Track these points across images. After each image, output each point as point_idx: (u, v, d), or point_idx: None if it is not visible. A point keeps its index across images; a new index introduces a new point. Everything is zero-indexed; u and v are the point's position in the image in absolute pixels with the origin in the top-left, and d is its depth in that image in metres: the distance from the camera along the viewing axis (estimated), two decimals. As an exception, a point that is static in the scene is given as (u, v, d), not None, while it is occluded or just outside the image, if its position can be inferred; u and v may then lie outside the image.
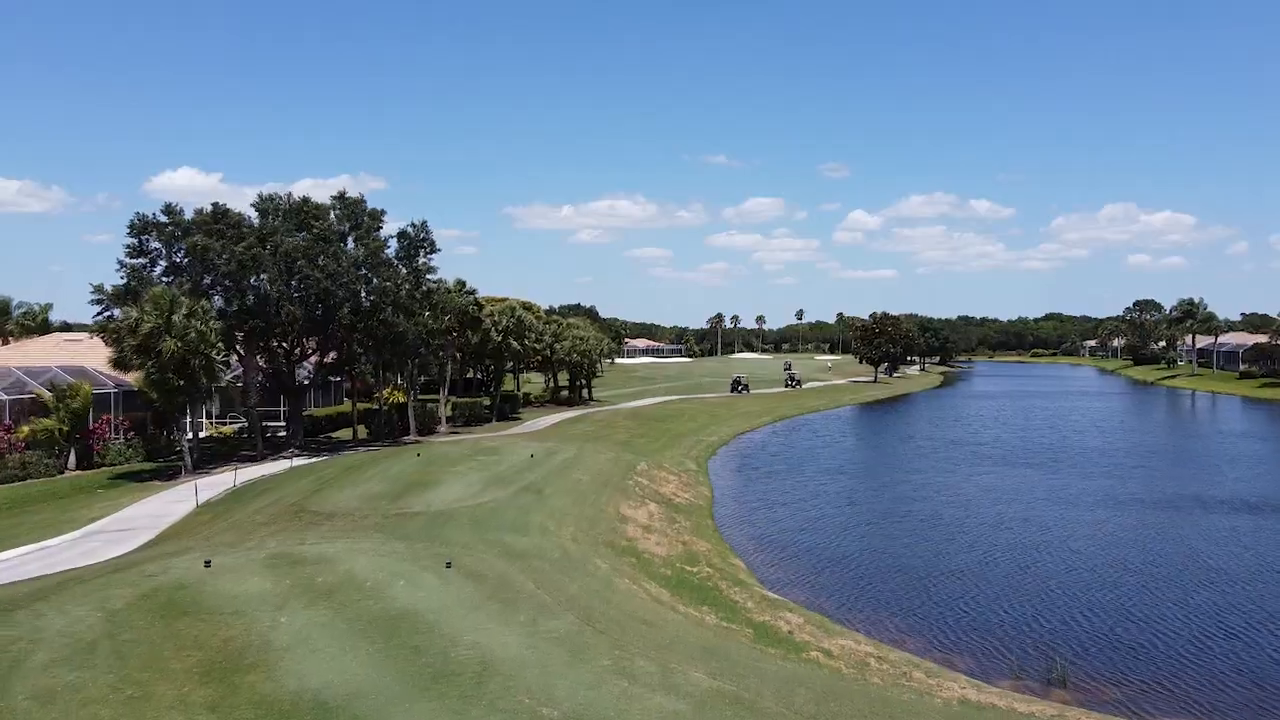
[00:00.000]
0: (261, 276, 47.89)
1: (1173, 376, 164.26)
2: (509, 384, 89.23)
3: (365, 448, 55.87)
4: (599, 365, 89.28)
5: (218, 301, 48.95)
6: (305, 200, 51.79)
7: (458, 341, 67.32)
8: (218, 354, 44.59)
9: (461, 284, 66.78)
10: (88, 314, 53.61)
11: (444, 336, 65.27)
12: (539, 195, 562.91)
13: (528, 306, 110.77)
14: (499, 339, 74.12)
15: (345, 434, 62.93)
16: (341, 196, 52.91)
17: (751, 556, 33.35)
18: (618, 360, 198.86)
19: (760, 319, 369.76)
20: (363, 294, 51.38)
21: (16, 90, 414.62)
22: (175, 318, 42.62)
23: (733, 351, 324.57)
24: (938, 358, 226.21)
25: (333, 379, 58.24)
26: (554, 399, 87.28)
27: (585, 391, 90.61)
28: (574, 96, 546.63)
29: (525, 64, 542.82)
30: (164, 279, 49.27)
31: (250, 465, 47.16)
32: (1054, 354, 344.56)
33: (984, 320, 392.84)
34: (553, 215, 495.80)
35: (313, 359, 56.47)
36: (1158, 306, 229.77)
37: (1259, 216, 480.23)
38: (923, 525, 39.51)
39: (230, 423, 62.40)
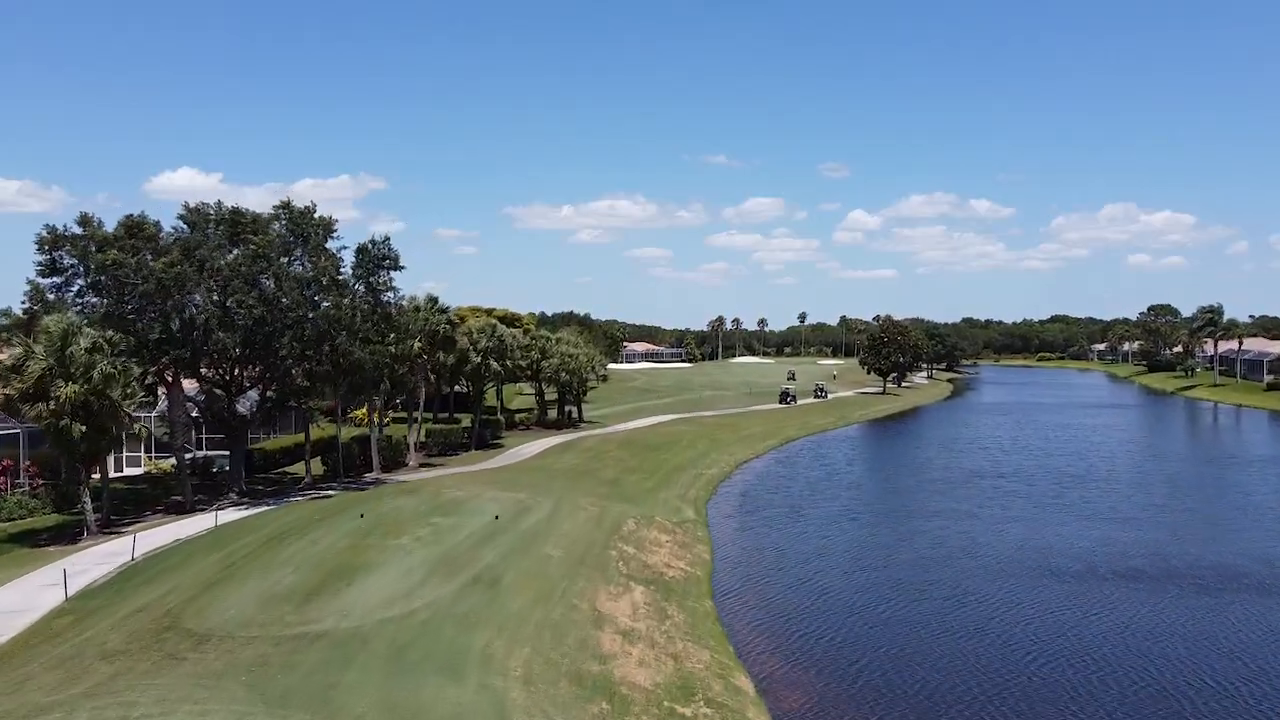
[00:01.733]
0: (189, 298, 40.97)
1: (1192, 386, 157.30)
2: (494, 397, 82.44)
3: (318, 490, 49.05)
4: (595, 377, 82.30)
5: (139, 327, 42.01)
6: (237, 211, 44.77)
7: (430, 364, 60.42)
8: (130, 395, 37.65)
9: (433, 301, 59.89)
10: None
11: (413, 360, 58.45)
12: (539, 195, 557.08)
13: (514, 319, 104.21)
14: (478, 360, 67.27)
15: (302, 468, 56.07)
16: (286, 206, 45.91)
17: (760, 663, 26.62)
18: (615, 366, 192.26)
19: (762, 322, 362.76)
20: (309, 319, 44.40)
21: (16, 90, 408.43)
22: (74, 351, 35.73)
23: (733, 355, 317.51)
24: (944, 364, 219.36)
25: (290, 406, 51.28)
26: (541, 420, 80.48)
27: (575, 411, 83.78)
28: (574, 96, 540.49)
29: (525, 64, 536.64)
30: (79, 301, 42.45)
31: (171, 521, 40.34)
32: (1061, 357, 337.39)
33: (988, 323, 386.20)
34: (553, 215, 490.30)
35: (256, 390, 49.56)
36: (1173, 311, 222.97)
37: (1259, 216, 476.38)
38: (956, 617, 32.65)
39: (169, 457, 55.64)
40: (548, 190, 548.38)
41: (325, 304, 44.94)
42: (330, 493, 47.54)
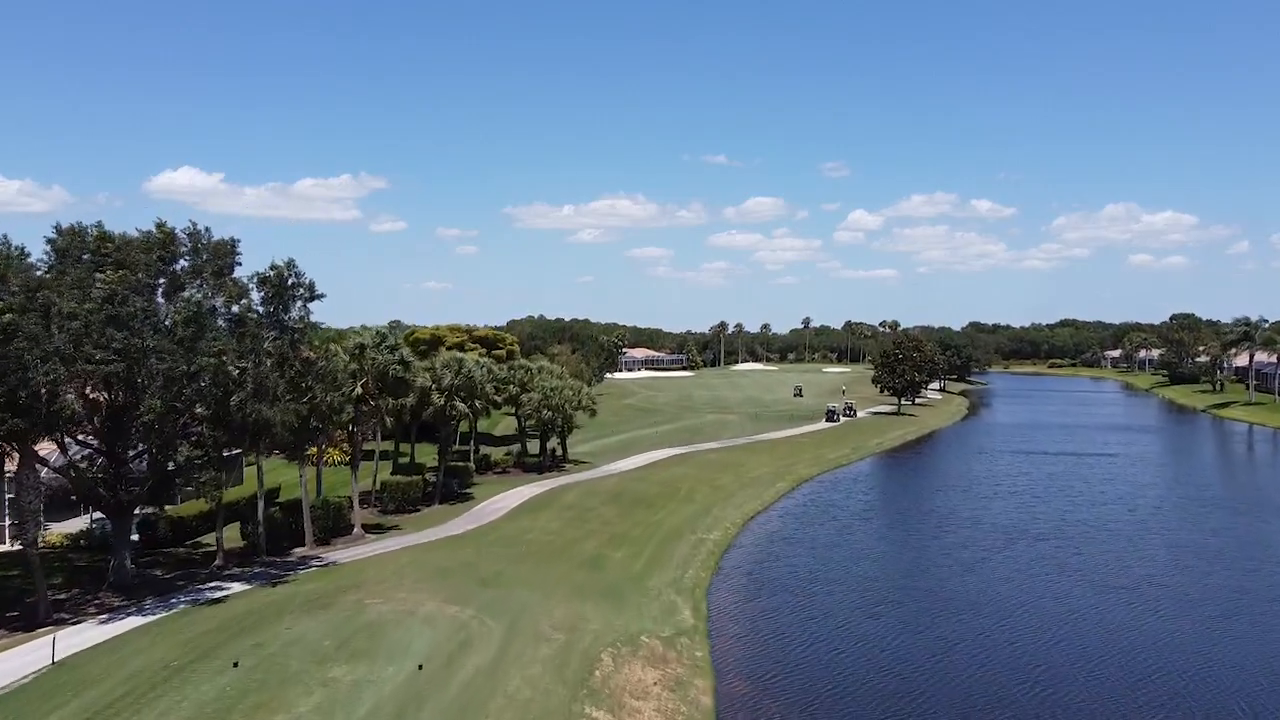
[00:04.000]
0: (29, 354, 31.24)
1: (1225, 405, 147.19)
2: (470, 426, 72.59)
3: (224, 581, 39.39)
4: (583, 411, 72.57)
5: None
6: (103, 235, 34.95)
7: (378, 409, 50.70)
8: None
9: (381, 338, 50.09)
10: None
11: (356, 405, 48.77)
12: (539, 195, 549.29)
13: (498, 340, 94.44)
14: (441, 401, 57.55)
15: (231, 537, 46.32)
16: (161, 228, 36.04)
17: None
18: (613, 376, 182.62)
19: (765, 327, 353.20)
20: (190, 374, 34.50)
21: (17, 89, 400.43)
22: None
23: (736, 361, 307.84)
24: (955, 374, 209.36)
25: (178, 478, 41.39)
26: (521, 461, 70.66)
27: (560, 448, 74.03)
28: (574, 96, 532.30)
29: (526, 64, 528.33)
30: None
31: (7, 644, 30.67)
32: (1073, 364, 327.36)
33: (995, 327, 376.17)
34: (553, 215, 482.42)
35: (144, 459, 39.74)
36: (1197, 321, 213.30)
37: (1261, 216, 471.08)
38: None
39: (74, 517, 46.00)
40: (548, 190, 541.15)
41: (210, 356, 34.89)
42: (232, 588, 37.86)
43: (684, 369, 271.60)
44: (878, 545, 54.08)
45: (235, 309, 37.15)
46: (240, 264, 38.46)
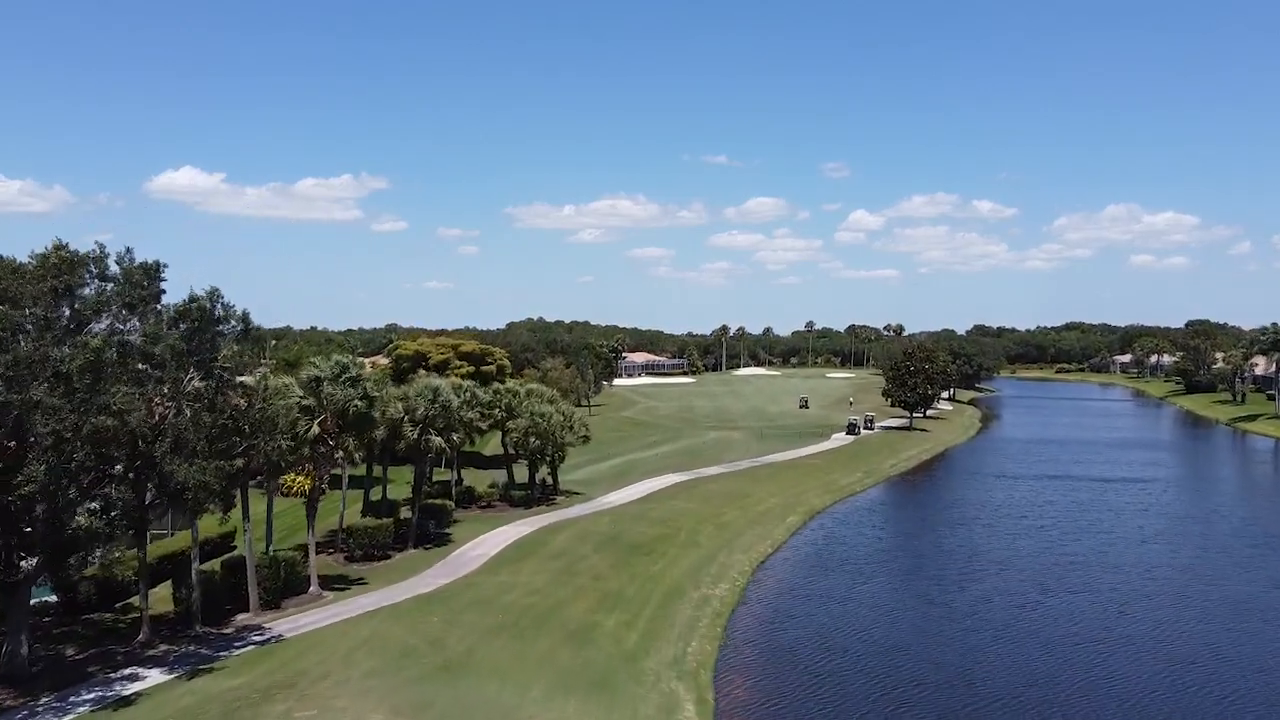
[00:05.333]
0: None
1: (1250, 418, 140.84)
2: (455, 453, 66.46)
3: (151, 659, 33.45)
4: (575, 438, 66.56)
5: None
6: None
7: (335, 450, 44.53)
8: None
9: (341, 369, 43.93)
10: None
11: (312, 447, 42.72)
12: (540, 195, 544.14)
13: (487, 354, 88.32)
14: (414, 434, 51.50)
15: (161, 596, 40.37)
16: (61, 249, 29.95)
17: None
18: (615, 383, 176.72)
19: (767, 330, 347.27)
20: (80, 434, 28.33)
21: (18, 89, 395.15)
22: None
23: (738, 365, 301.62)
24: (964, 383, 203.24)
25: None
26: (508, 495, 64.51)
27: (551, 478, 67.93)
28: (575, 97, 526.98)
29: (527, 64, 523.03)
30: None
31: None
32: (1081, 369, 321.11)
33: (1000, 331, 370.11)
34: (554, 215, 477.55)
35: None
36: (1213, 327, 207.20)
37: (1262, 216, 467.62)
38: None
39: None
40: (549, 190, 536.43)
41: (110, 411, 28.71)
42: (149, 677, 31.88)
43: (685, 374, 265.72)
44: (899, 600, 48.01)
45: (156, 349, 31.00)
46: (164, 291, 32.38)
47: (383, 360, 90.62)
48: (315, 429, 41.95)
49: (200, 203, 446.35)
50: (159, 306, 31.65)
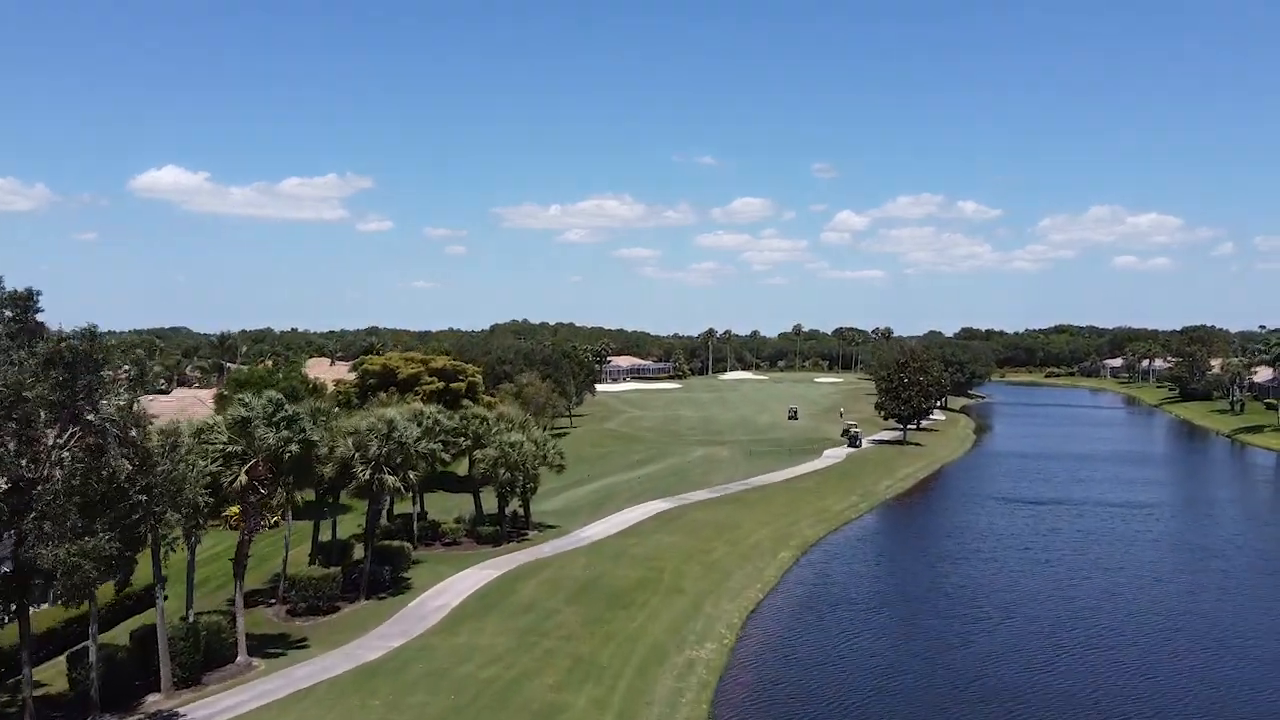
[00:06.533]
0: None
1: (1253, 429, 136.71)
2: (417, 496, 61.02)
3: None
4: (549, 467, 61.47)
5: None
6: None
7: (266, 500, 39.22)
8: None
9: (274, 407, 38.58)
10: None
11: (241, 496, 37.40)
12: (527, 195, 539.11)
13: (459, 371, 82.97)
14: (365, 474, 46.17)
15: (57, 671, 34.96)
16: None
17: None
18: (599, 389, 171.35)
19: (754, 333, 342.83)
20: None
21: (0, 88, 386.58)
22: None
23: (725, 369, 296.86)
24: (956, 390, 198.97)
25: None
26: (475, 530, 59.19)
27: (523, 510, 62.68)
28: (561, 96, 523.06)
29: (513, 64, 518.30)
30: None
31: None
32: (1071, 373, 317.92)
33: (989, 333, 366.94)
34: (541, 215, 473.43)
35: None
36: (1209, 332, 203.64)
37: (1245, 218, 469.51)
38: None
39: None
40: (536, 190, 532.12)
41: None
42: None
43: (671, 379, 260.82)
44: (899, 660, 42.99)
45: (26, 398, 25.65)
46: (39, 323, 26.93)
47: (350, 376, 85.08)
48: (242, 478, 36.59)
49: (184, 201, 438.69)
50: (30, 347, 26.18)
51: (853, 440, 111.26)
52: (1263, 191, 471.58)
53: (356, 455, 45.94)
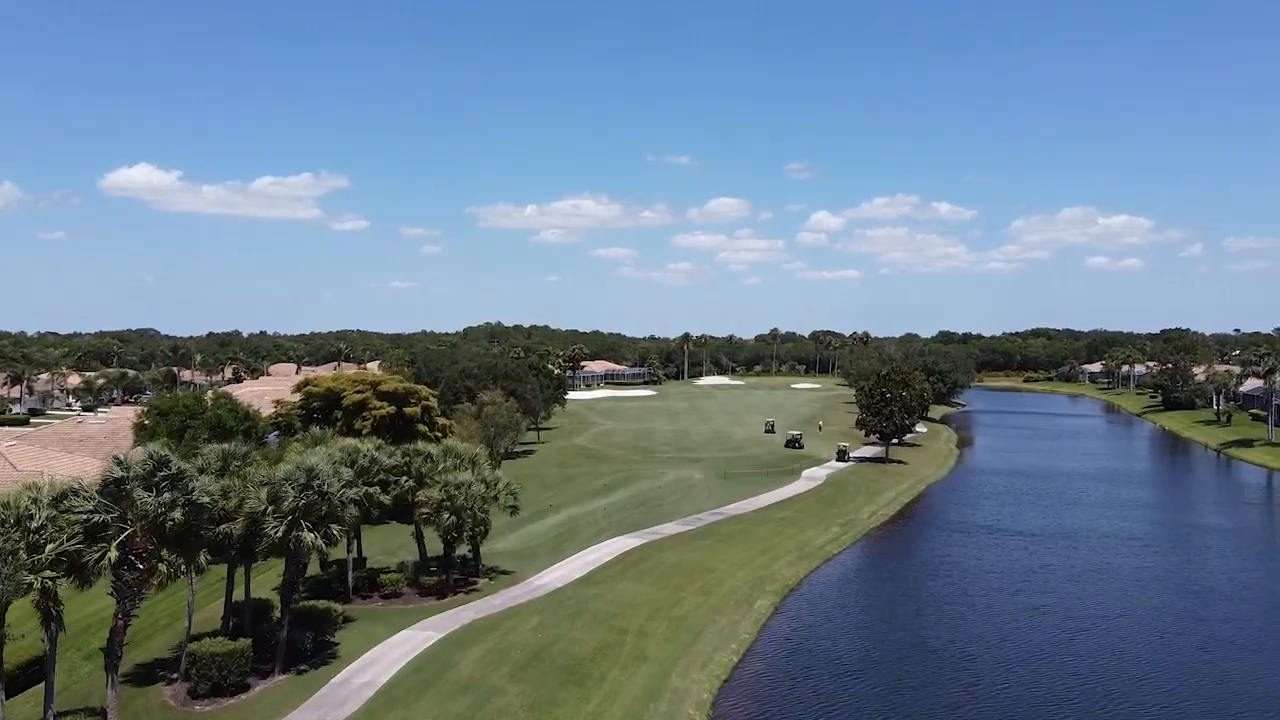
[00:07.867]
0: None
1: (1242, 443, 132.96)
2: (351, 540, 54.89)
3: None
4: (502, 508, 55.66)
5: None
6: None
7: (151, 575, 33.12)
8: None
9: (156, 464, 32.41)
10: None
11: (115, 571, 31.31)
12: (503, 194, 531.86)
13: (411, 393, 76.82)
14: (279, 530, 40.08)
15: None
16: None
17: None
18: (571, 396, 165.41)
19: (731, 337, 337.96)
20: None
21: None
22: None
23: (700, 374, 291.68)
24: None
25: None
26: (418, 580, 53.14)
27: (473, 554, 56.79)
28: (537, 95, 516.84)
29: (489, 63, 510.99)
30: None
31: None
32: (1050, 378, 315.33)
33: (966, 336, 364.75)
34: (516, 215, 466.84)
35: None
36: (1190, 340, 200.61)
37: (1215, 220, 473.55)
38: None
39: None
40: (511, 189, 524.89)
41: None
42: None
43: (646, 385, 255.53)
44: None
45: None
46: None
47: (293, 397, 78.77)
48: (113, 553, 30.50)
49: (157, 200, 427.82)
50: None
51: (841, 455, 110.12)
52: (1232, 193, 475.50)
53: (269, 509, 39.83)
